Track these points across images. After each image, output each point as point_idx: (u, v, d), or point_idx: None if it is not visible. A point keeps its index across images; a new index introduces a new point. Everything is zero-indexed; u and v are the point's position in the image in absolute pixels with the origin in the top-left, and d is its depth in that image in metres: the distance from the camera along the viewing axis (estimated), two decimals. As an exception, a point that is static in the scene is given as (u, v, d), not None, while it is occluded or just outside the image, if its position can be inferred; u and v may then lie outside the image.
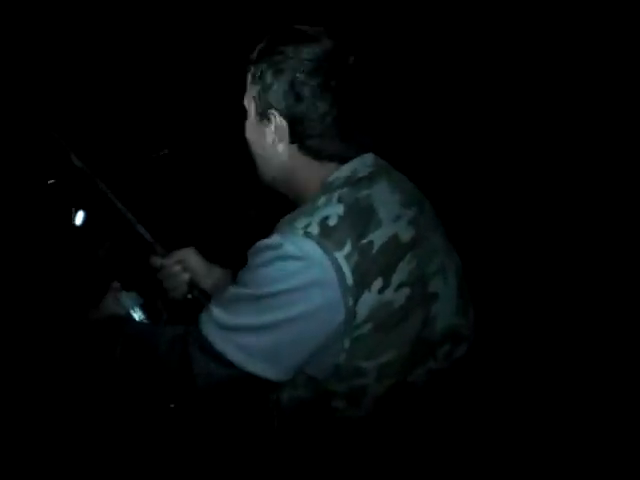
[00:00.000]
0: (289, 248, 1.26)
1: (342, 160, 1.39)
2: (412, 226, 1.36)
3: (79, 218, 1.97)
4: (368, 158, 1.41)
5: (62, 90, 2.77)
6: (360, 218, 1.30)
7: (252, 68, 1.40)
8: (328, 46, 1.36)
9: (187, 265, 1.74)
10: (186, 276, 1.73)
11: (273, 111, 1.37)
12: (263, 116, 1.39)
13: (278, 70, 1.35)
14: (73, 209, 2.03)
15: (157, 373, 1.42)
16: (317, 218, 1.29)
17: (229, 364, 1.31)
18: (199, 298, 1.74)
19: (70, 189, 2.42)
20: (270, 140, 1.40)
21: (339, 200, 1.32)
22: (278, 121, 1.37)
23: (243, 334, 1.30)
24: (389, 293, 1.29)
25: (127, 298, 1.74)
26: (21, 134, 2.70)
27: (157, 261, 1.74)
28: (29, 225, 2.81)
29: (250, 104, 1.42)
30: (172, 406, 1.69)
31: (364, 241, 1.28)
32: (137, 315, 1.74)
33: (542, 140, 3.27)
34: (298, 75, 1.34)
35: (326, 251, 1.25)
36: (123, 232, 1.80)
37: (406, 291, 1.31)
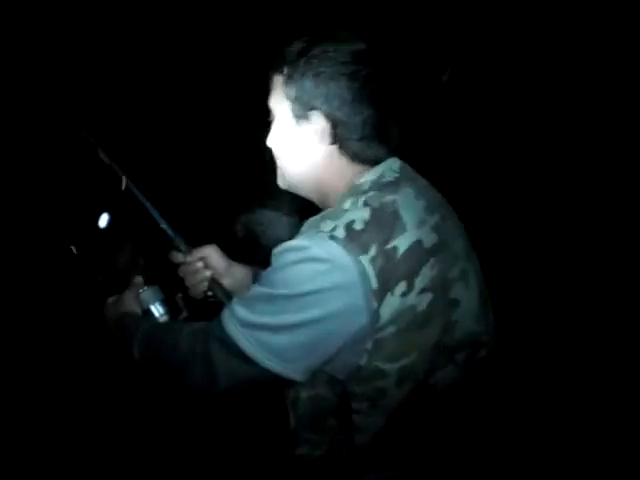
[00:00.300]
0: (315, 250, 1.28)
1: (375, 163, 1.41)
2: (435, 232, 1.38)
3: (103, 221, 1.99)
4: (394, 163, 1.44)
5: (82, 90, 2.80)
6: (385, 223, 1.32)
7: (286, 69, 1.41)
8: (365, 48, 1.39)
9: (208, 262, 1.75)
10: (207, 273, 1.73)
11: (315, 112, 1.39)
12: (301, 117, 1.40)
13: (320, 72, 1.37)
14: (98, 212, 2.04)
15: (178, 371, 1.43)
16: (343, 222, 1.31)
17: (250, 361, 1.32)
18: (219, 296, 1.75)
19: (95, 190, 2.45)
20: (308, 141, 1.42)
21: (365, 204, 1.34)
22: (320, 122, 1.39)
23: (265, 332, 1.32)
24: (412, 297, 1.31)
25: (148, 293, 1.76)
26: (43, 132, 2.73)
27: (179, 257, 1.75)
28: (51, 225, 2.85)
29: (283, 105, 1.43)
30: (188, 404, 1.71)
31: (389, 246, 1.30)
32: (158, 310, 1.75)
33: (547, 144, 3.27)
34: (340, 78, 1.36)
35: (351, 254, 1.27)
36: (146, 228, 1.82)
37: (428, 296, 1.33)
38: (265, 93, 1.48)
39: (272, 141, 1.49)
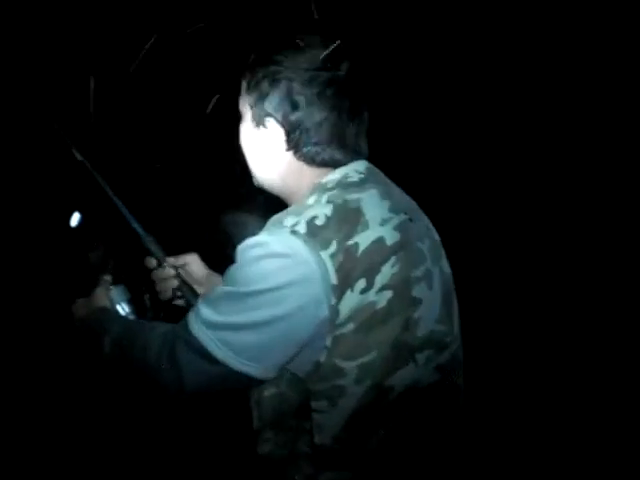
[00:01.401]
0: (276, 246, 1.29)
1: (336, 166, 1.42)
2: (398, 231, 1.38)
3: (74, 220, 1.99)
4: (361, 164, 1.44)
5: (62, 87, 2.80)
6: (347, 220, 1.33)
7: (248, 75, 1.43)
8: (324, 54, 1.38)
9: (188, 270, 1.77)
10: (175, 282, 1.75)
11: (269, 119, 1.40)
12: (259, 123, 1.42)
13: (275, 79, 1.38)
14: (70, 210, 2.04)
15: (147, 372, 1.43)
16: (305, 217, 1.31)
17: (217, 362, 1.32)
18: (188, 303, 1.76)
19: (67, 189, 2.45)
20: (265, 146, 1.43)
21: (328, 201, 1.35)
22: (274, 129, 1.40)
23: (229, 332, 1.32)
24: (371, 294, 1.31)
25: (115, 292, 1.76)
26: (20, 128, 2.73)
27: (152, 262, 1.76)
28: (25, 223, 2.84)
29: (246, 111, 1.45)
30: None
31: (350, 242, 1.31)
32: (123, 310, 1.75)
33: (546, 146, 3.29)
34: (294, 84, 1.37)
35: (312, 249, 1.28)
36: (118, 228, 1.82)
37: (388, 294, 1.33)
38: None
39: (240, 143, 1.51)
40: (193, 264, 1.79)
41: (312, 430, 1.37)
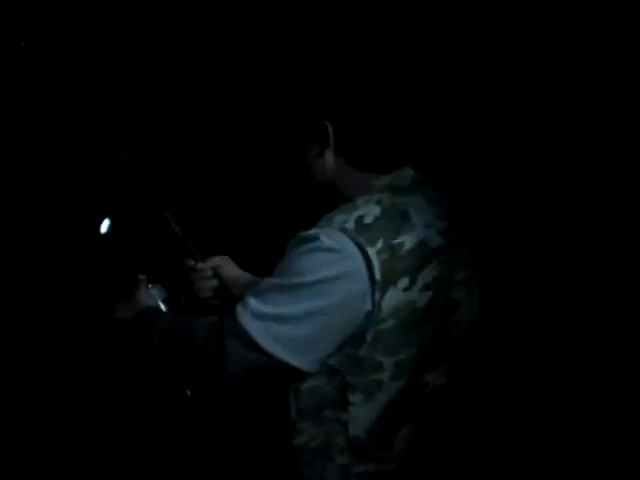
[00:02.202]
0: (324, 240, 1.34)
1: (382, 170, 1.47)
2: (442, 236, 1.44)
3: (105, 226, 2.04)
4: (409, 171, 1.50)
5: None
6: (394, 220, 1.38)
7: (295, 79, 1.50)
8: (370, 58, 1.46)
9: (220, 272, 1.81)
10: (215, 282, 1.81)
11: (323, 122, 1.44)
12: (309, 127, 1.47)
13: (329, 85, 1.44)
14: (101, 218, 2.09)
15: (194, 361, 1.46)
16: (354, 216, 1.37)
17: (263, 352, 1.36)
18: (224, 303, 1.81)
19: (96, 194, 2.50)
20: (316, 152, 1.47)
21: (377, 202, 1.40)
22: (328, 132, 1.44)
23: (277, 323, 1.36)
24: (413, 293, 1.37)
25: (153, 291, 1.81)
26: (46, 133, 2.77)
27: (190, 262, 1.81)
28: (52, 227, 2.88)
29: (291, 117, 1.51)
30: (188, 393, 1.73)
31: (395, 241, 1.36)
32: (162, 309, 1.80)
33: (547, 151, 3.30)
34: (346, 90, 1.43)
35: (359, 245, 1.33)
36: (153, 230, 1.87)
37: (429, 293, 1.39)
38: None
39: (284, 152, 1.58)
40: (226, 265, 1.85)
41: (347, 422, 1.42)
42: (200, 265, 1.79)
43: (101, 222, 2.01)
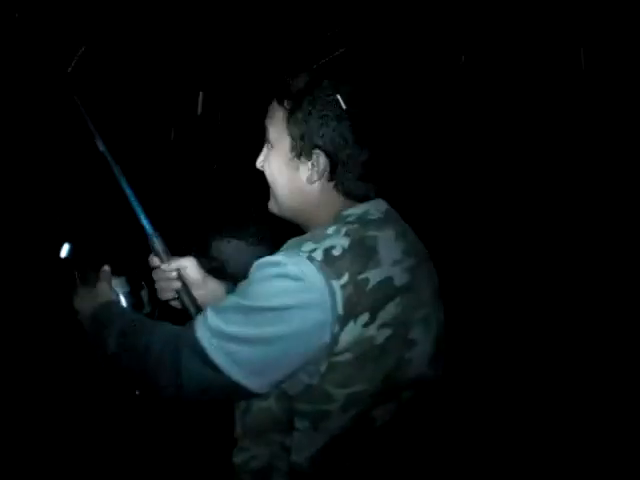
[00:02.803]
0: (291, 268, 1.34)
1: (364, 199, 1.50)
2: (407, 273, 1.45)
3: (65, 251, 2.00)
4: (382, 204, 1.52)
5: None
6: (362, 255, 1.39)
7: (288, 104, 1.48)
8: (361, 89, 1.48)
9: (184, 274, 1.76)
10: (177, 284, 1.75)
11: (318, 151, 1.46)
12: (301, 154, 1.47)
13: (324, 114, 1.45)
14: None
15: (148, 373, 1.44)
16: (323, 246, 1.37)
17: (218, 370, 1.36)
18: (187, 305, 1.79)
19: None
20: (305, 176, 1.48)
21: (347, 234, 1.41)
22: (321, 161, 1.46)
23: (235, 343, 1.36)
24: (372, 329, 1.37)
25: (116, 283, 1.79)
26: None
27: (155, 261, 1.76)
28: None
29: (282, 138, 1.49)
30: (137, 393, 1.72)
31: (361, 276, 1.37)
32: (122, 302, 1.78)
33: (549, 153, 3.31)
34: (344, 120, 1.45)
35: (325, 277, 1.34)
36: (126, 220, 1.84)
37: (387, 331, 1.39)
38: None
39: (267, 168, 1.55)
40: (190, 267, 1.80)
41: (291, 448, 1.42)
42: (164, 265, 1.76)
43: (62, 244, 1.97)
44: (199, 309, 1.70)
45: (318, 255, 1.36)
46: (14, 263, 2.91)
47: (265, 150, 1.55)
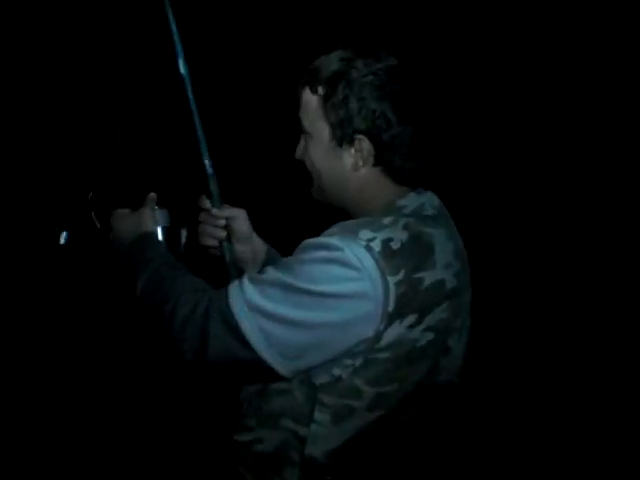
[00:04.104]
0: (348, 255, 1.25)
1: (414, 181, 1.41)
2: (456, 278, 1.37)
3: (63, 238, 1.94)
4: (434, 198, 1.44)
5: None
6: (420, 252, 1.31)
7: (322, 90, 1.38)
8: (398, 65, 1.38)
9: (232, 224, 1.64)
10: (223, 234, 1.64)
11: (360, 136, 1.37)
12: (344, 140, 1.38)
13: (363, 96, 1.35)
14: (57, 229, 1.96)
15: (173, 331, 1.35)
16: (382, 236, 1.28)
17: (247, 345, 1.27)
18: (226, 258, 1.70)
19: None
20: (350, 163, 1.39)
21: (405, 227, 1.32)
22: (365, 146, 1.37)
23: (271, 321, 1.27)
24: (416, 332, 1.30)
25: (158, 214, 1.71)
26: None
27: (206, 204, 1.64)
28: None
29: (320, 126, 1.40)
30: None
31: (416, 275, 1.29)
32: (159, 235, 1.71)
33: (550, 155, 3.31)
34: (385, 100, 1.35)
35: (381, 271, 1.26)
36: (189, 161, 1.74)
37: (430, 335, 1.32)
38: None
39: (307, 159, 1.45)
40: (240, 219, 1.68)
41: (306, 439, 1.35)
42: (215, 210, 1.66)
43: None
44: (238, 270, 1.61)
45: (377, 245, 1.27)
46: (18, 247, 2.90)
47: (302, 141, 1.45)
